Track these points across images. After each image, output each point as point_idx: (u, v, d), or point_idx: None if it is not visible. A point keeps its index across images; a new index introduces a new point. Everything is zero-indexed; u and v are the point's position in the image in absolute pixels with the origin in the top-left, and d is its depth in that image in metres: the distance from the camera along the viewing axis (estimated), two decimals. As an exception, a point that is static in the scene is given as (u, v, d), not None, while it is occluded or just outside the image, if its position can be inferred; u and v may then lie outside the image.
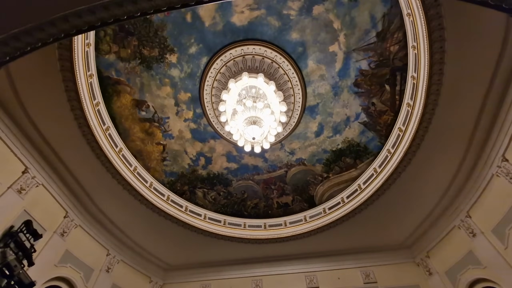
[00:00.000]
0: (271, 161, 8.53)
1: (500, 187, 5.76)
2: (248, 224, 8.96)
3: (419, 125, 5.79)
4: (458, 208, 6.86)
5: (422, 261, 8.00)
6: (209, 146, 8.25)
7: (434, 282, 7.49)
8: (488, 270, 6.12)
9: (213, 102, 7.35)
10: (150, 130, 7.66)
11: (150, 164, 7.98)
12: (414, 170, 6.50)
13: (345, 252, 8.79)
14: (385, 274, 8.25)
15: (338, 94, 7.02)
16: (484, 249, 6.18)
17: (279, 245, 8.73)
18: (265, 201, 8.97)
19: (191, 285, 9.13)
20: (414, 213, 7.51)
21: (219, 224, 8.76)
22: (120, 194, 7.25)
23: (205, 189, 8.78)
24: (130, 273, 8.47)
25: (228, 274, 9.21)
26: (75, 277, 6.80)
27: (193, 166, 8.43)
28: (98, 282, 7.33)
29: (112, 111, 6.87)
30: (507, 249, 5.64)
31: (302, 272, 8.84)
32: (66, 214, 6.90)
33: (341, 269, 8.66)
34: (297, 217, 8.76)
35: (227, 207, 9.00)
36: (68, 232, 6.86)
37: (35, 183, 6.11)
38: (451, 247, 7.20)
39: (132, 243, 8.50)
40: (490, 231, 6.06)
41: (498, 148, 5.63)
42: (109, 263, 7.82)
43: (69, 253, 6.85)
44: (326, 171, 8.21)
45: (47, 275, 6.16)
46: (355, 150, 7.61)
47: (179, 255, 9.09)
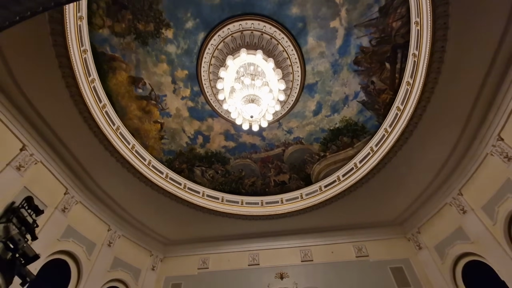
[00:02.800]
0: (268, 140, 8.57)
1: (493, 166, 5.89)
2: (245, 201, 9.16)
3: (418, 104, 5.79)
4: (451, 186, 7.04)
5: (413, 237, 8.33)
6: (207, 125, 8.23)
7: (423, 255, 7.85)
8: (475, 245, 6.41)
9: (211, 79, 7.23)
10: (147, 108, 7.59)
11: (148, 143, 7.98)
12: (410, 149, 6.59)
13: (339, 228, 9.09)
14: (377, 248, 8.60)
15: (338, 72, 6.93)
16: (473, 225, 6.43)
17: (276, 221, 8.99)
18: (262, 179, 9.12)
19: (191, 259, 9.47)
20: (408, 191, 7.70)
21: (217, 201, 8.95)
22: (119, 171, 7.31)
23: (203, 167, 8.87)
24: (131, 247, 8.74)
25: (226, 249, 9.54)
26: (78, 251, 7.01)
27: (191, 145, 8.45)
28: (100, 255, 7.57)
29: (108, 88, 6.75)
30: (495, 225, 5.87)
31: (297, 247, 9.18)
32: (66, 191, 6.98)
33: (334, 244, 9.01)
34: (294, 195, 8.96)
35: (225, 185, 9.15)
36: (69, 208, 6.97)
37: (33, 161, 6.12)
38: (441, 223, 7.47)
39: (132, 219, 8.71)
40: (480, 208, 6.27)
41: (494, 127, 5.69)
42: (110, 238, 8.05)
43: (71, 228, 7.01)
44: (323, 150, 8.29)
45: (50, 249, 6.34)
46: (352, 129, 7.64)
47: (178, 230, 9.36)
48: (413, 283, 7.66)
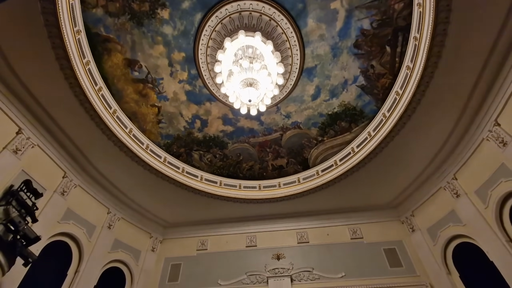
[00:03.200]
0: (267, 124, 8.55)
1: (488, 151, 5.97)
2: (243, 185, 9.26)
3: (417, 89, 5.76)
4: (446, 171, 7.16)
5: (406, 219, 8.54)
6: (204, 109, 8.16)
7: (416, 237, 8.09)
8: (467, 227, 6.60)
9: (208, 62, 7.10)
10: (144, 91, 7.48)
11: (146, 127, 7.93)
12: (407, 134, 6.63)
13: (335, 211, 9.27)
14: (371, 231, 8.84)
15: (337, 55, 6.82)
16: (465, 209, 6.59)
17: (273, 204, 9.13)
18: (260, 164, 9.17)
19: (189, 241, 9.69)
20: (403, 175, 7.82)
21: (215, 185, 9.04)
22: (117, 155, 7.31)
23: (201, 151, 8.88)
24: (131, 230, 8.89)
25: (224, 231, 9.74)
26: (78, 233, 7.13)
27: (189, 129, 8.41)
28: (100, 237, 7.71)
29: (103, 71, 6.62)
30: (487, 209, 6.02)
31: (294, 229, 9.39)
32: (64, 175, 7.00)
33: (330, 226, 9.22)
34: (291, 179, 9.05)
35: (223, 169, 9.20)
36: (68, 192, 7.02)
37: (30, 144, 6.09)
38: (435, 207, 7.65)
39: (131, 202, 8.80)
40: (474, 192, 6.41)
41: (491, 112, 5.71)
42: (110, 220, 8.16)
43: (71, 211, 7.09)
44: (321, 135, 8.31)
45: (51, 231, 6.44)
46: (350, 114, 7.63)
47: (177, 213, 9.50)
48: (405, 264, 7.93)
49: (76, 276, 6.79)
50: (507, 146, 5.41)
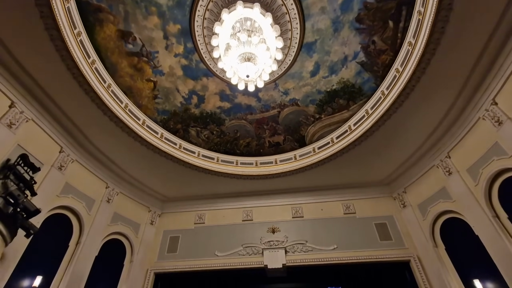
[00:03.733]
0: (264, 101, 8.47)
1: (483, 130, 6.04)
2: (240, 161, 9.35)
3: (417, 66, 5.68)
4: (440, 149, 7.27)
5: (398, 196, 8.80)
6: (201, 84, 8.01)
7: (406, 213, 8.38)
8: (456, 203, 6.83)
9: (205, 35, 6.85)
10: (139, 65, 7.27)
11: (142, 102, 7.81)
12: (405, 112, 6.64)
13: (330, 188, 9.48)
14: (364, 206, 9.12)
15: (338, 30, 6.62)
16: (456, 186, 6.78)
17: (269, 180, 9.29)
18: (257, 140, 9.20)
19: (187, 214, 9.93)
20: (398, 153, 7.94)
21: (213, 161, 9.11)
22: (113, 131, 7.26)
23: (198, 128, 8.84)
24: (129, 204, 9.06)
25: (221, 206, 9.97)
26: (78, 206, 7.25)
27: (186, 105, 8.31)
28: (100, 211, 7.86)
29: (96, 43, 6.37)
30: (477, 186, 6.21)
31: (289, 204, 9.64)
32: (61, 150, 6.98)
33: (324, 202, 9.48)
34: (288, 156, 9.15)
35: (220, 145, 9.23)
36: (65, 166, 7.04)
37: (24, 118, 5.99)
38: (427, 184, 7.86)
39: (129, 177, 8.89)
40: (465, 170, 6.57)
41: (490, 91, 5.70)
42: (109, 195, 8.28)
43: (69, 185, 7.16)
44: (318, 112, 8.28)
45: (50, 204, 6.53)
46: (349, 91, 7.56)
47: (175, 188, 9.65)
48: (394, 237, 8.29)
49: (77, 247, 7.00)
50: (502, 125, 5.47)
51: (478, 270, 6.18)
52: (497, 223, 5.72)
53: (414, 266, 7.56)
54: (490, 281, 5.90)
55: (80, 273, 6.83)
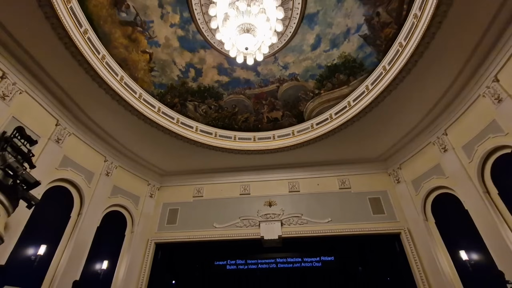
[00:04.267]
0: (263, 75, 8.30)
1: (482, 107, 6.04)
2: (238, 136, 9.36)
3: (421, 40, 5.52)
4: (438, 126, 7.30)
5: (393, 172, 8.97)
6: (199, 57, 7.78)
7: (400, 188, 8.60)
8: (449, 179, 7.00)
9: (202, 4, 6.54)
10: (134, 35, 7.00)
11: (137, 75, 7.61)
12: (405, 89, 6.56)
13: (326, 163, 9.62)
14: (359, 182, 9.32)
15: (342, 0, 6.33)
16: (450, 162, 6.91)
17: (267, 156, 9.37)
18: (255, 116, 9.15)
19: (186, 188, 10.11)
20: (396, 130, 7.96)
21: (211, 136, 9.11)
22: (109, 104, 7.14)
23: (196, 102, 8.72)
24: (128, 177, 9.16)
25: (219, 180, 10.13)
26: (77, 179, 7.32)
27: (183, 78, 8.13)
28: (99, 184, 7.96)
29: (87, 11, 6.07)
30: (471, 163, 6.33)
31: (286, 179, 9.82)
32: (57, 123, 6.90)
33: (320, 177, 9.66)
34: (286, 131, 9.16)
35: (218, 120, 9.18)
36: (63, 140, 7.01)
37: (17, 90, 5.85)
38: (422, 161, 7.99)
39: (127, 151, 8.91)
40: (461, 147, 6.66)
41: (493, 68, 5.63)
42: (107, 168, 8.34)
43: (68, 158, 7.18)
44: (318, 88, 8.16)
45: (50, 177, 6.59)
46: (350, 66, 7.41)
47: (173, 163, 9.72)
48: (387, 211, 8.57)
49: (79, 218, 7.17)
50: (502, 103, 5.47)
51: (464, 242, 6.49)
52: (487, 199, 5.92)
53: (404, 238, 7.90)
54: (475, 252, 6.22)
55: (83, 242, 7.07)
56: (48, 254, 6.24)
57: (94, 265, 7.30)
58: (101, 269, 7.35)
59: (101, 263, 7.42)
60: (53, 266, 6.36)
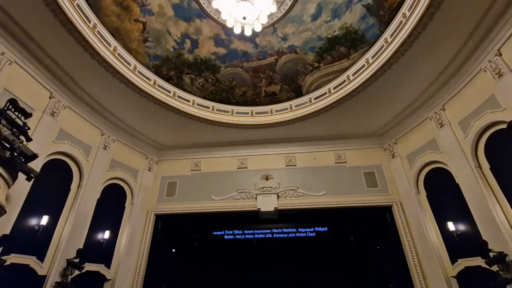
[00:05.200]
0: (261, 47, 8.06)
1: (482, 82, 6.00)
2: (236, 111, 9.29)
3: (426, 10, 5.33)
4: (436, 101, 7.29)
5: (389, 147, 9.08)
6: (194, 27, 7.48)
7: (395, 162, 8.77)
8: (443, 154, 7.13)
9: (197, -32, 6.16)
10: (125, 3, 6.67)
11: (131, 45, 7.35)
12: (406, 63, 6.45)
13: (323, 138, 9.67)
14: (355, 156, 9.46)
15: (345, -34, 6.01)
16: (446, 138, 6.99)
17: (264, 130, 9.38)
18: (253, 90, 9.02)
19: (184, 162, 10.20)
20: (394, 105, 7.94)
21: (208, 110, 9.03)
22: (103, 76, 6.97)
23: (193, 75, 8.53)
24: (126, 151, 9.18)
25: (217, 154, 10.21)
26: (75, 153, 7.33)
27: (178, 50, 7.87)
28: (98, 157, 7.99)
29: (74, -27, 5.69)
30: (466, 138, 6.42)
31: (283, 154, 9.92)
32: (51, 95, 6.77)
33: (317, 152, 9.76)
34: (283, 106, 9.09)
35: (215, 94, 9.05)
36: (58, 113, 6.91)
37: (6, 60, 5.65)
38: (417, 136, 8.07)
39: (124, 125, 8.85)
40: (457, 122, 6.70)
41: (497, 41, 5.52)
42: (105, 142, 8.33)
43: (64, 131, 7.13)
44: (317, 61, 7.98)
45: (47, 150, 6.58)
46: (351, 38, 7.20)
47: (171, 137, 9.71)
48: (380, 185, 8.80)
49: (79, 190, 7.29)
50: (502, 78, 5.43)
51: (453, 214, 6.77)
52: (478, 173, 6.08)
53: (396, 210, 8.20)
54: (461, 223, 6.51)
55: (84, 213, 7.24)
56: (51, 225, 6.42)
57: (97, 235, 7.55)
58: (103, 238, 7.62)
59: (103, 233, 7.67)
60: (57, 235, 6.57)
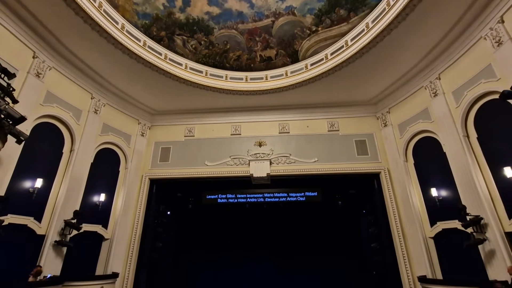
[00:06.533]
0: (257, 8, 7.64)
1: (480, 50, 5.95)
2: (230, 76, 9.06)
3: (432, -28, 5.07)
4: (432, 70, 7.23)
5: (382, 115, 9.16)
6: (185, -18, 6.96)
7: (386, 131, 8.91)
8: (434, 123, 7.27)
9: None
10: (108, -50, 6.06)
11: (118, 1, 6.85)
12: (406, 28, 6.27)
13: (317, 106, 9.66)
14: (347, 125, 9.56)
15: None
16: (438, 107, 7.06)
17: (259, 97, 9.26)
18: (248, 54, 8.72)
19: (177, 128, 10.13)
20: (390, 73, 7.86)
21: (201, 75, 8.77)
22: (89, 35, 6.58)
23: (185, 36, 8.14)
24: (118, 115, 9.00)
25: (210, 120, 10.14)
26: (65, 116, 7.16)
27: (169, 8, 7.40)
28: (88, 121, 7.83)
29: None
30: (458, 108, 6.51)
31: (276, 121, 9.94)
32: (34, 55, 6.41)
33: (310, 119, 9.80)
34: (279, 72, 8.90)
35: (209, 57, 8.73)
36: (43, 74, 6.61)
37: (-18, 14, 5.23)
38: (411, 105, 8.13)
39: (115, 89, 8.57)
40: (451, 92, 6.74)
41: (500, 7, 5.36)
42: (95, 105, 8.11)
43: (51, 94, 6.89)
44: (315, 24, 7.67)
45: (35, 113, 6.41)
46: (352, 0, 6.86)
47: (163, 102, 9.51)
48: (370, 153, 9.04)
49: (72, 154, 7.25)
50: (501, 46, 5.36)
51: (437, 181, 7.11)
52: (465, 142, 6.27)
53: (383, 177, 8.53)
54: (444, 189, 6.88)
55: (79, 177, 7.29)
56: (45, 187, 6.48)
57: (92, 198, 7.70)
58: (99, 201, 7.77)
59: (99, 196, 7.82)
60: (52, 198, 6.66)
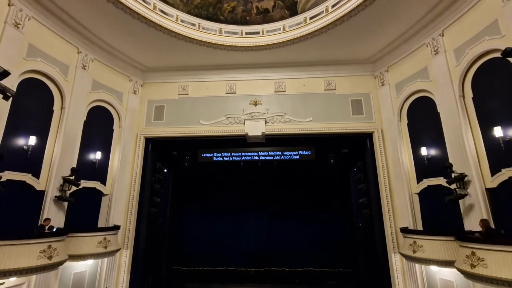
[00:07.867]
0: (254, -50, 6.91)
1: (487, 6, 5.67)
2: (224, 30, 8.57)
3: None
4: (437, 26, 6.92)
5: (380, 74, 8.98)
6: None
7: (383, 91, 8.82)
8: (431, 83, 7.19)
9: None
10: None
11: None
12: (413, -22, 5.83)
13: (314, 64, 9.36)
14: (344, 83, 9.39)
15: None
16: (438, 66, 6.92)
17: (255, 53, 8.88)
18: (243, 5, 8.15)
19: (170, 86, 9.84)
20: (392, 29, 7.51)
21: (194, 28, 8.27)
22: (68, -20, 5.98)
23: (174, -17, 7.45)
24: (108, 72, 8.63)
25: (204, 78, 9.83)
26: (52, 72, 6.85)
27: None
28: (77, 77, 7.52)
29: None
30: (457, 67, 6.40)
31: (272, 79, 9.70)
32: (9, 2, 5.90)
33: (307, 78, 9.58)
34: (276, 26, 8.43)
35: (201, 9, 8.15)
36: (22, 24, 6.16)
37: None
38: (410, 63, 7.94)
39: (102, 43, 8.07)
40: (453, 50, 6.54)
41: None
42: (83, 61, 7.72)
43: (34, 47, 6.51)
44: (316, -29, 7.05)
45: (19, 68, 6.11)
46: None
47: (155, 58, 9.06)
48: (365, 113, 9.05)
49: (63, 112, 7.09)
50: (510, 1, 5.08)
51: (427, 141, 7.29)
52: (460, 102, 6.28)
53: (376, 136, 8.68)
54: (434, 148, 7.09)
55: (72, 135, 7.23)
56: (39, 145, 6.46)
57: (88, 155, 7.75)
58: (95, 158, 7.85)
59: (95, 153, 7.87)
60: (48, 155, 6.69)
